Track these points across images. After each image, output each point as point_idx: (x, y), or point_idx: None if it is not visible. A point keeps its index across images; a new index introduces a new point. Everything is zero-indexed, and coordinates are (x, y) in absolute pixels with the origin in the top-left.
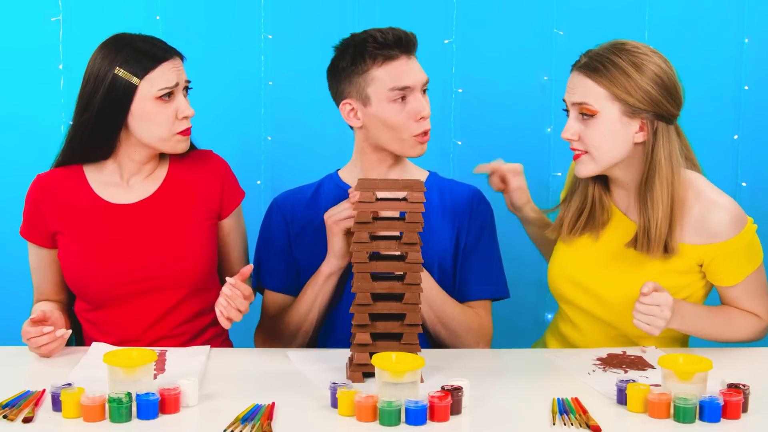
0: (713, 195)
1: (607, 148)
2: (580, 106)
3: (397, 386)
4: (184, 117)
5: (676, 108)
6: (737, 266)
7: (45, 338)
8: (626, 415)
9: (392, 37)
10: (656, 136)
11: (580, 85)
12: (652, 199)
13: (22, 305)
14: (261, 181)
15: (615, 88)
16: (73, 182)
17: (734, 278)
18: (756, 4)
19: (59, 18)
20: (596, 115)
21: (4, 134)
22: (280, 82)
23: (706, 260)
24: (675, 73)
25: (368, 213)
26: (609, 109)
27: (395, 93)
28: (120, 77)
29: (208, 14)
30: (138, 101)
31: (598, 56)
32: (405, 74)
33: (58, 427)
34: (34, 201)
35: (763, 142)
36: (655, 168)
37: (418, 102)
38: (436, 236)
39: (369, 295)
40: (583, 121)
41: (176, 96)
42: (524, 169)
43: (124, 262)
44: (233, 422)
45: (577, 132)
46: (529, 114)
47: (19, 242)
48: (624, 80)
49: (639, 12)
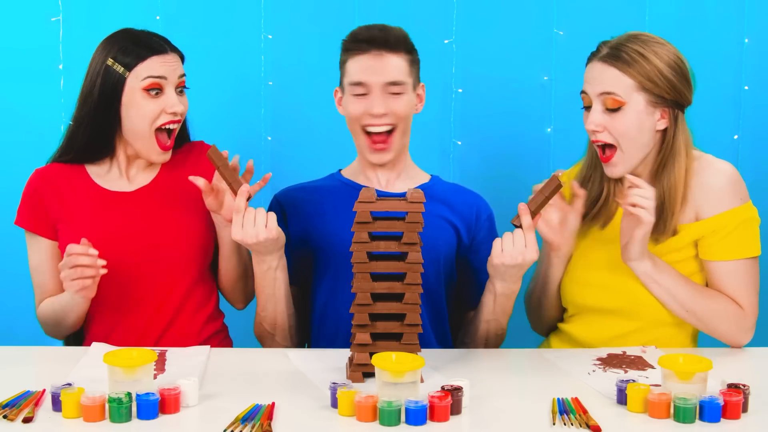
0: (715, 161)
1: (633, 138)
2: (606, 96)
3: (397, 386)
4: (172, 113)
5: (691, 94)
6: (730, 242)
7: (87, 259)
8: (626, 415)
9: (367, 33)
10: (677, 122)
11: (605, 76)
12: (670, 185)
13: (22, 305)
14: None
15: (641, 78)
16: (73, 174)
17: (725, 254)
18: (756, 4)
19: (59, 18)
20: (623, 107)
21: (4, 134)
22: (280, 82)
23: (704, 234)
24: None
25: (368, 213)
26: (636, 99)
27: (353, 87)
28: (111, 68)
29: (208, 14)
30: (126, 93)
31: (620, 46)
32: (364, 70)
33: (58, 427)
34: (34, 190)
35: (763, 142)
36: (675, 155)
37: (371, 100)
38: (437, 240)
39: (369, 295)
40: (607, 112)
41: (166, 92)
42: (523, 169)
43: (125, 248)
44: (233, 422)
45: (602, 123)
46: (529, 114)
47: (19, 242)
48: (650, 69)
49: (639, 12)
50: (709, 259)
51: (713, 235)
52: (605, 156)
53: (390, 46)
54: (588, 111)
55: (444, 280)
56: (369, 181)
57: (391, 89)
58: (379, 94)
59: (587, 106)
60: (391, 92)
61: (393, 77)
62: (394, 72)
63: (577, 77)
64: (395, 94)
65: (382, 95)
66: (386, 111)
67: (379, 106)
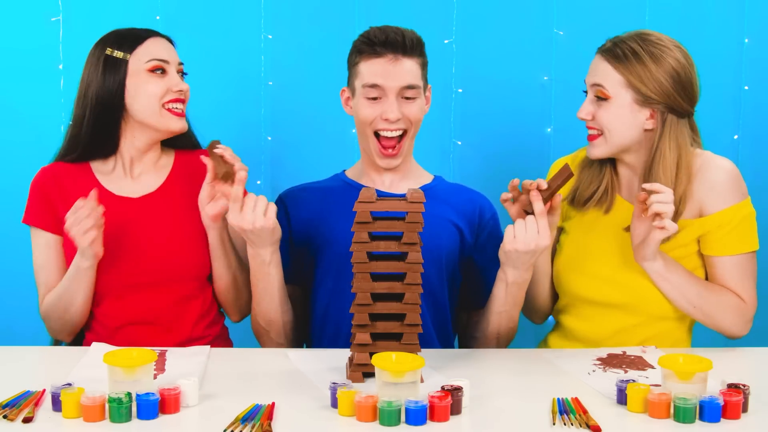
0: (716, 157)
1: (617, 130)
2: (596, 88)
3: (397, 386)
4: (178, 90)
5: (689, 103)
6: (734, 237)
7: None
8: (626, 415)
9: (382, 36)
10: (664, 126)
11: (599, 69)
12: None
13: (22, 305)
14: (261, 181)
15: (630, 75)
16: (79, 173)
17: (729, 249)
18: (756, 4)
19: (59, 18)
20: (609, 99)
21: (4, 134)
22: (280, 82)
23: (709, 230)
24: (694, 69)
25: (368, 213)
26: (622, 95)
27: (367, 90)
28: (111, 56)
29: (208, 14)
30: (131, 76)
31: (621, 43)
32: (379, 74)
33: (58, 427)
34: (41, 186)
35: (763, 142)
36: (658, 157)
37: (385, 105)
38: (439, 241)
39: (369, 295)
40: (597, 102)
41: (169, 73)
42: (523, 169)
43: (128, 254)
44: (233, 422)
45: (591, 112)
46: (529, 114)
47: (19, 242)
48: (640, 69)
49: (639, 12)
50: (713, 254)
51: (717, 231)
52: (590, 136)
53: (406, 50)
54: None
55: (447, 280)
56: (373, 183)
57: (406, 93)
58: (393, 99)
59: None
60: (405, 96)
61: (408, 81)
62: (409, 76)
63: (577, 77)
64: (409, 99)
65: (396, 100)
66: (400, 116)
67: (394, 112)
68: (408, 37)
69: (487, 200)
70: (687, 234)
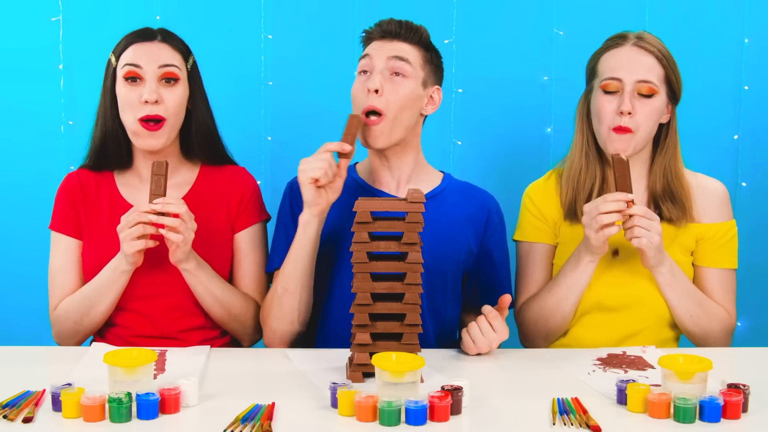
0: (711, 179)
1: (646, 127)
2: (643, 84)
3: (397, 386)
4: (145, 102)
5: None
6: (725, 251)
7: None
8: (626, 415)
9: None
10: (673, 116)
11: (644, 63)
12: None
13: (22, 305)
14: (261, 181)
15: (670, 70)
16: (101, 182)
17: (720, 262)
18: (756, 4)
19: (59, 18)
20: (653, 96)
21: (4, 134)
22: (280, 82)
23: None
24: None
25: (368, 213)
26: (662, 90)
27: (359, 65)
28: (109, 62)
29: (208, 14)
30: (117, 84)
31: (648, 38)
32: (374, 47)
33: (58, 427)
34: (67, 192)
35: (763, 142)
36: (676, 146)
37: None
38: (445, 244)
39: (369, 295)
40: (639, 98)
41: (146, 81)
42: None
43: (142, 268)
44: (233, 422)
45: (635, 108)
46: (529, 114)
47: (19, 242)
48: (673, 64)
49: (639, 12)
50: (705, 265)
51: (711, 241)
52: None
53: (388, 33)
54: (609, 95)
55: (450, 283)
56: (380, 183)
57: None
58: (381, 72)
59: (612, 91)
60: (393, 71)
61: (396, 53)
62: (401, 52)
63: (577, 77)
64: (396, 75)
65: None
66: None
67: (374, 83)
68: (395, 23)
69: (495, 202)
70: (687, 237)
